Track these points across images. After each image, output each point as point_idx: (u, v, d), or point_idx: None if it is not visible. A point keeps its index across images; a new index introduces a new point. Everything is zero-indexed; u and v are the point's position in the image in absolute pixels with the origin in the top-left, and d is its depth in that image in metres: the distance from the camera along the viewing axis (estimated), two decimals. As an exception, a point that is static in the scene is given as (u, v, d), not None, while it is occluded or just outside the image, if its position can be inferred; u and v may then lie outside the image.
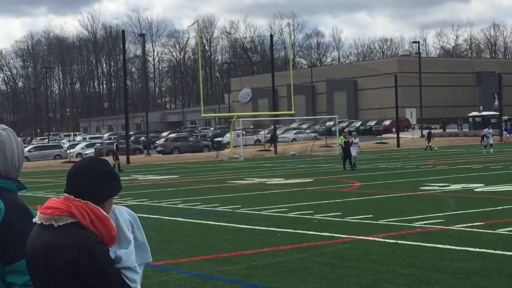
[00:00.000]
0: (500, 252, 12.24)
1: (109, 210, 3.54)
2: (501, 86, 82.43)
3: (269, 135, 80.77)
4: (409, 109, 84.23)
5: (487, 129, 52.38)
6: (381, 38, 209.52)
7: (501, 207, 18.55)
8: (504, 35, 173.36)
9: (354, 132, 44.14)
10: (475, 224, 15.58)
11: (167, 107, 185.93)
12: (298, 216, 18.53)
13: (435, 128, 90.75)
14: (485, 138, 50.61)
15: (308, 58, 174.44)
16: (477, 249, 12.55)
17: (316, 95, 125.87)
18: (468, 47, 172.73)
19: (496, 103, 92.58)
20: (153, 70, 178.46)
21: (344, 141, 37.68)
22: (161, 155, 70.84)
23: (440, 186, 25.27)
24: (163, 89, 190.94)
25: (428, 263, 11.58)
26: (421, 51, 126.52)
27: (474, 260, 11.64)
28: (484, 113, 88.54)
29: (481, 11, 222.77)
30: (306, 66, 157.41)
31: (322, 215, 18.34)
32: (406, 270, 11.10)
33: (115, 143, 51.46)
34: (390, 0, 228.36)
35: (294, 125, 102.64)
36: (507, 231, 14.43)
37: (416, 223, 16.17)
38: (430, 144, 56.87)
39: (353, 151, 37.41)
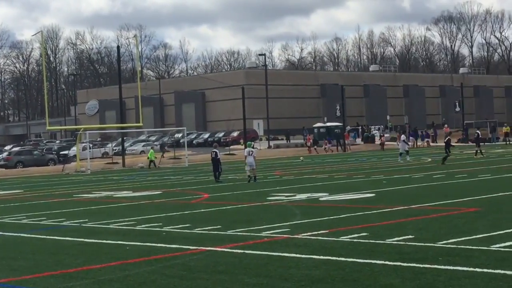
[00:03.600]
0: (343, 259, 12.62)
1: None
2: (343, 97, 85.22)
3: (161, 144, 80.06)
4: (256, 120, 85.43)
5: (403, 135, 50.97)
6: (228, 50, 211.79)
7: (344, 215, 19.14)
8: (346, 48, 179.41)
9: (251, 142, 42.02)
10: (319, 232, 16.01)
11: (10, 119, 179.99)
12: (147, 229, 18.43)
13: (282, 139, 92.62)
14: (403, 143, 48.39)
15: (156, 70, 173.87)
16: (321, 257, 12.89)
17: (165, 107, 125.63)
18: (312, 60, 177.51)
19: (339, 114, 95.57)
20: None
21: (214, 151, 36.99)
22: (4, 169, 68.51)
23: (286, 196, 25.77)
24: (6, 101, 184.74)
25: (274, 272, 11.78)
26: (267, 63, 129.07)
27: (318, 268, 11.95)
28: (328, 124, 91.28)
29: (321, 26, 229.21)
30: (154, 78, 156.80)
31: (170, 227, 18.31)
32: (254, 280, 11.25)
33: None
34: (230, 14, 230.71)
35: (142, 137, 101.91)
36: (349, 238, 14.90)
37: (263, 232, 16.42)
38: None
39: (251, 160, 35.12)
